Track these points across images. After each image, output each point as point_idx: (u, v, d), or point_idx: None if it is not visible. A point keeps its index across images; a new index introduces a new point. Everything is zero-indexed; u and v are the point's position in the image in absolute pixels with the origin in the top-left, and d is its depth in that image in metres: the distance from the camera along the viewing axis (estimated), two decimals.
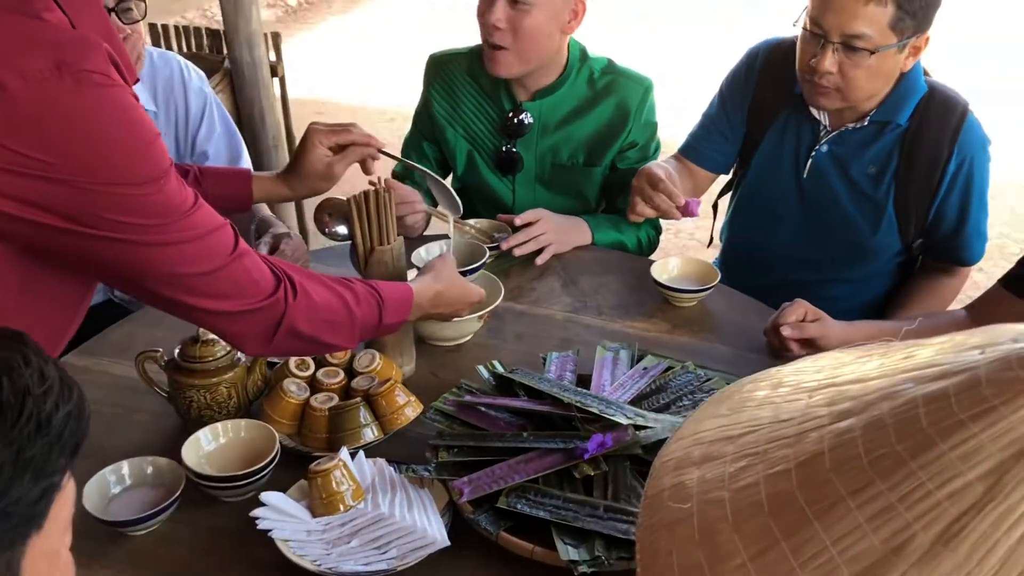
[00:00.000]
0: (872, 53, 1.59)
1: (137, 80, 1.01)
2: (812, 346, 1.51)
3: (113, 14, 1.57)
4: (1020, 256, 1.60)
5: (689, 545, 0.47)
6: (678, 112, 2.79)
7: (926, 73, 1.77)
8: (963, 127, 1.71)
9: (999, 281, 1.57)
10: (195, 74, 1.98)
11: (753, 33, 2.13)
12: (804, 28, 1.68)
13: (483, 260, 1.59)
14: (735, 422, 0.51)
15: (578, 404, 1.24)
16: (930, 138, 1.72)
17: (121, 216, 0.94)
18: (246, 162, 2.05)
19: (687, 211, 1.72)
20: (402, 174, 2.05)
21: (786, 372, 0.54)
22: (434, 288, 1.34)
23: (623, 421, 1.20)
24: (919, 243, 1.85)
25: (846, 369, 0.50)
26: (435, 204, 1.80)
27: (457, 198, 1.63)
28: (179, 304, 1.05)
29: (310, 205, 2.02)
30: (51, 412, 0.60)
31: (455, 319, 1.47)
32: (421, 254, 1.58)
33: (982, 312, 1.59)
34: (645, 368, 1.42)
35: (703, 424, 0.53)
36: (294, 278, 1.13)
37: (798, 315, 1.52)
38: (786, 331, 1.49)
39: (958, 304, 1.86)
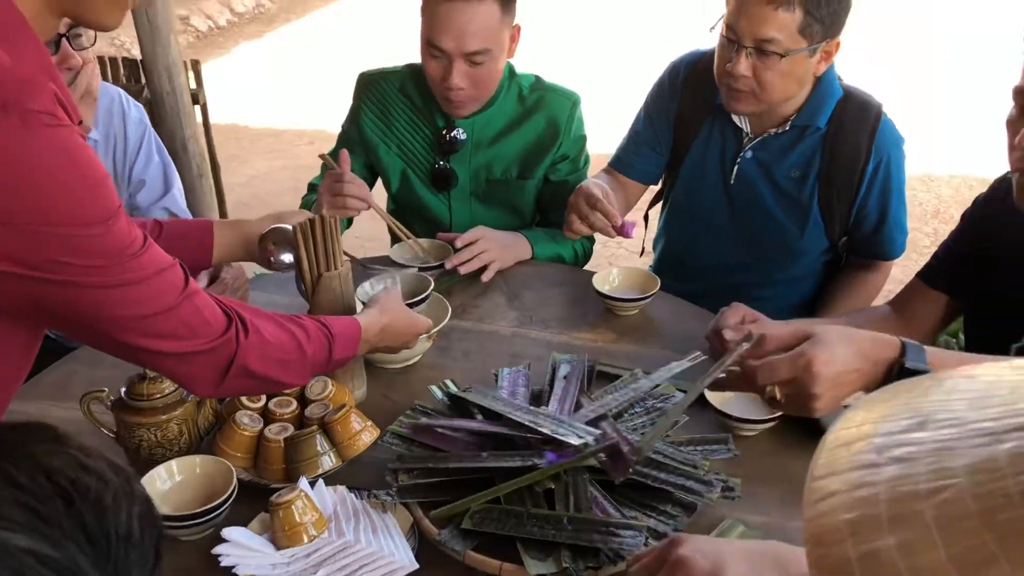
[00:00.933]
0: (783, 57, 1.66)
1: (80, 121, 0.99)
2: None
3: (64, 40, 1.54)
4: (935, 250, 1.68)
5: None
6: None
7: (839, 78, 1.85)
8: (879, 128, 1.80)
9: (917, 275, 1.66)
10: (134, 106, 1.98)
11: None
12: (721, 35, 1.74)
13: (428, 291, 1.60)
14: (909, 473, 0.46)
15: (530, 424, 1.25)
16: (849, 140, 1.80)
17: (68, 258, 0.91)
18: (178, 191, 2.04)
19: (622, 232, 1.75)
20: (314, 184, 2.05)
21: (923, 408, 0.49)
22: (380, 322, 1.35)
23: (574, 442, 1.21)
24: (844, 241, 1.92)
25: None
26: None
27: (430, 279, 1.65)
28: (128, 346, 1.02)
29: None
30: (128, 521, 0.55)
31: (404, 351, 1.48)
32: (366, 288, 1.56)
33: (902, 304, 1.67)
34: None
35: (853, 477, 0.48)
36: (245, 317, 1.11)
37: (736, 318, 1.56)
38: (728, 335, 1.53)
39: (882, 298, 1.94)
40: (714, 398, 1.42)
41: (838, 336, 1.12)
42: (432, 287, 1.61)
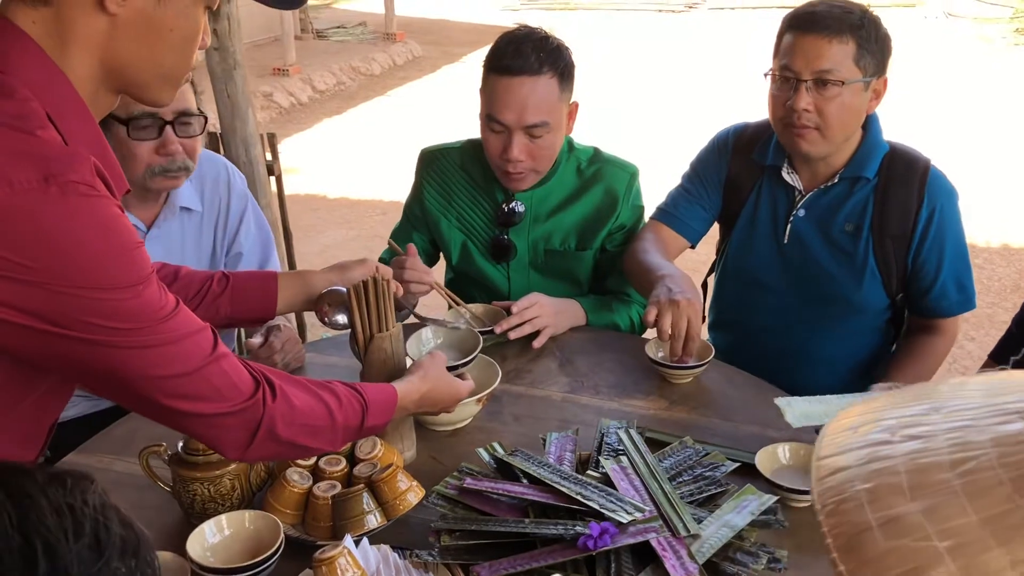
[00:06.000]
0: (843, 84, 1.70)
1: (128, 190, 1.06)
2: None
3: (169, 127, 1.67)
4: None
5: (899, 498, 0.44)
6: None
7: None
8: (928, 178, 1.81)
9: (989, 355, 1.62)
10: (238, 177, 2.04)
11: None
12: (774, 77, 1.79)
13: (475, 353, 1.58)
14: (929, 447, 0.48)
15: (579, 496, 1.25)
16: (899, 189, 1.81)
17: (97, 319, 0.96)
18: (274, 260, 2.09)
19: (680, 360, 1.69)
20: (386, 259, 2.10)
21: (935, 399, 0.51)
22: (420, 390, 1.34)
23: (623, 519, 1.20)
24: (902, 297, 1.90)
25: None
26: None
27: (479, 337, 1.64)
28: (156, 405, 1.05)
29: None
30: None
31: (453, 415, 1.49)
32: (422, 337, 1.59)
33: None
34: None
35: (865, 453, 0.50)
36: (274, 382, 1.13)
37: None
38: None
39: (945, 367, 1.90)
40: (764, 467, 1.40)
41: None
42: (480, 346, 1.60)
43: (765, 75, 1.82)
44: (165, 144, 1.73)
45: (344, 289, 1.47)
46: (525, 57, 1.80)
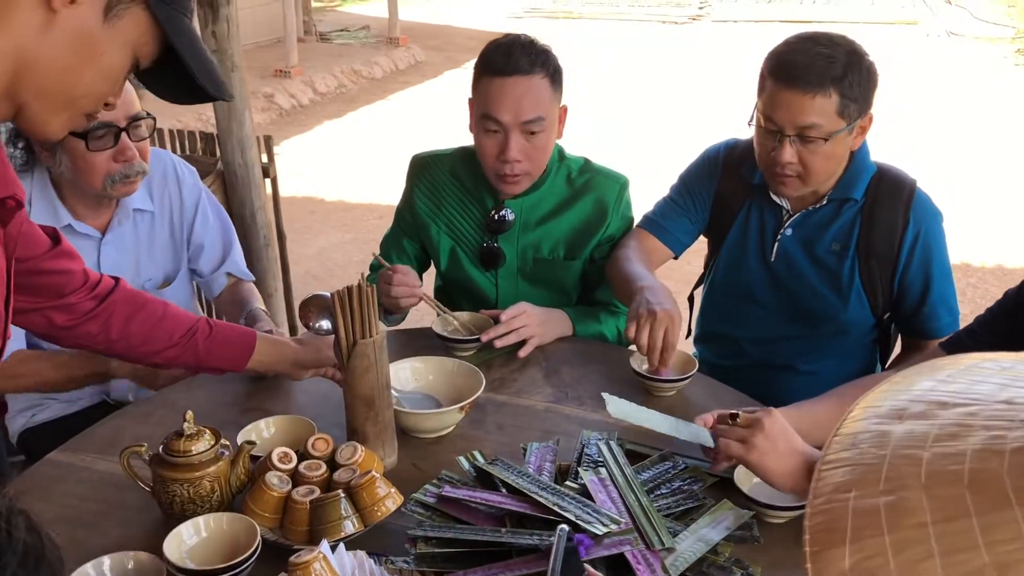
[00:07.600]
0: (826, 140, 1.70)
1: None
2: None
3: (124, 133, 1.67)
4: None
5: (871, 489, 0.47)
6: None
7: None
8: (913, 199, 1.82)
9: (939, 344, 1.61)
10: (187, 169, 2.04)
11: None
12: (759, 125, 1.78)
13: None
14: (954, 390, 0.51)
15: (556, 507, 1.25)
16: (885, 211, 1.82)
17: None
18: (238, 252, 2.10)
19: (657, 372, 1.70)
20: (377, 267, 2.11)
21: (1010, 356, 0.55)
22: None
23: (599, 531, 1.21)
24: (888, 317, 1.91)
25: None
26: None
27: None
28: None
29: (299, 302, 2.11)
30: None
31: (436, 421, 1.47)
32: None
33: None
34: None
35: (916, 382, 0.54)
36: None
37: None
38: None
39: None
40: (742, 482, 1.40)
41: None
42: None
43: (749, 123, 1.81)
44: (123, 151, 1.73)
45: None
46: (516, 59, 1.83)
